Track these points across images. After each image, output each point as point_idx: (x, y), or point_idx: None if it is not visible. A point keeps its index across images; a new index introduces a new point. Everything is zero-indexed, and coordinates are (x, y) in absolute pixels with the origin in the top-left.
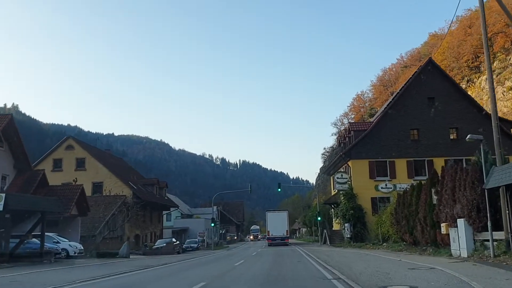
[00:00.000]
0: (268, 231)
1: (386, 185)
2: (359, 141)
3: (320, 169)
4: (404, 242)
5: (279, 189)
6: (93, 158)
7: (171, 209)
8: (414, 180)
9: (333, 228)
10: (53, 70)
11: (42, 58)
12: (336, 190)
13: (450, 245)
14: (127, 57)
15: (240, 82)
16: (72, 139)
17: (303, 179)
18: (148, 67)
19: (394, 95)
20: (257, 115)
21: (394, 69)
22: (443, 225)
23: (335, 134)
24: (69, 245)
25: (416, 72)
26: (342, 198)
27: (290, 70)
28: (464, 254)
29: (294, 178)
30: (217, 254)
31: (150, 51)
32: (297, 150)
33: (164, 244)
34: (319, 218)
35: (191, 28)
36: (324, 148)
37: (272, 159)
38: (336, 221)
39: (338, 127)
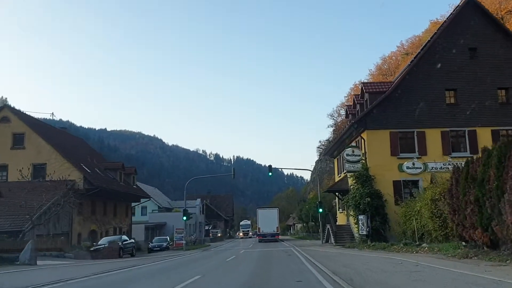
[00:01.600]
0: (259, 228)
1: (413, 164)
2: (377, 104)
3: (316, 162)
4: (464, 243)
5: (270, 173)
6: (35, 134)
7: (142, 200)
8: (451, 157)
9: (337, 223)
10: (43, 64)
11: (32, 52)
12: (342, 175)
13: None
14: (120, 51)
15: (233, 78)
16: (8, 109)
17: (297, 175)
18: (141, 61)
19: (424, 45)
20: (251, 111)
21: (394, 57)
22: None
23: (332, 126)
24: None
25: (451, 14)
26: (354, 182)
27: (284, 64)
28: None
29: (289, 174)
30: (179, 259)
31: (142, 46)
32: (292, 147)
33: (106, 244)
34: (320, 210)
35: (182, 23)
36: (320, 141)
37: (266, 156)
38: (344, 213)
39: (334, 118)
